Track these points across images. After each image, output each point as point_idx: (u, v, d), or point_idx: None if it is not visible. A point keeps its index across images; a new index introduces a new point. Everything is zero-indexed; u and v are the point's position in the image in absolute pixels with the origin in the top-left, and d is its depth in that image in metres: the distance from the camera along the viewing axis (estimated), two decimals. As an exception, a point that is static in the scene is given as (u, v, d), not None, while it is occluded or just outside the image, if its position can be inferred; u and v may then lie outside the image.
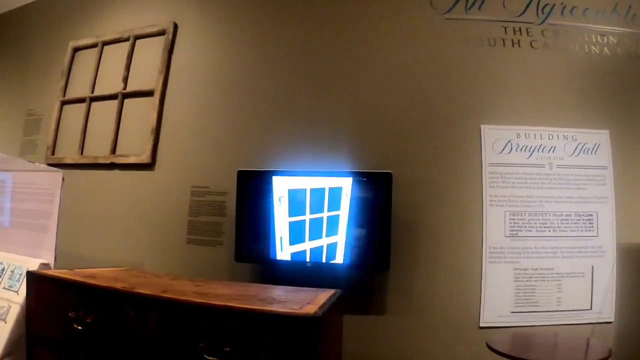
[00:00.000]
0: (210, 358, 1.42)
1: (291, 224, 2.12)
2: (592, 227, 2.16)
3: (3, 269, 2.19)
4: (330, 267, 2.08)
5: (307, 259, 2.09)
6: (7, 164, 2.38)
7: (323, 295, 1.66)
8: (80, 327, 1.64)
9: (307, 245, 2.10)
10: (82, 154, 2.85)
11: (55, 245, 2.18)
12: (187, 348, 1.46)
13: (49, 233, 2.22)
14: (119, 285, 1.68)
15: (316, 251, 2.09)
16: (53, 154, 2.97)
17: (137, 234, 2.59)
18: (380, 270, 2.06)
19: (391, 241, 2.03)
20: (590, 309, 2.15)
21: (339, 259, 2.05)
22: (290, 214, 2.13)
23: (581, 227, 2.16)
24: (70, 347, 1.69)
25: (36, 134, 3.16)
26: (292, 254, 2.10)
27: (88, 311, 1.64)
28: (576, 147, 2.17)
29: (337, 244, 2.07)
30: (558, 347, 1.92)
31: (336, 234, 2.08)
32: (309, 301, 1.55)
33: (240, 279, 2.24)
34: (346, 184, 2.08)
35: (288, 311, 1.42)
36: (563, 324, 2.09)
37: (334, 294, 1.73)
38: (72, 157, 2.87)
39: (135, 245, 2.58)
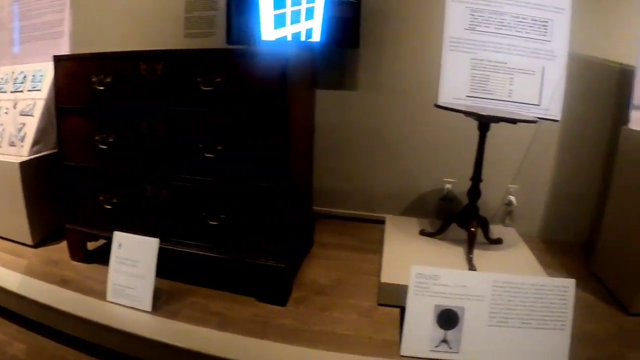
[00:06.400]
0: (207, 89, 1.75)
1: (275, 16, 2.37)
2: (547, 32, 2.36)
3: (25, 76, 2.47)
4: (308, 45, 2.34)
5: (289, 39, 2.35)
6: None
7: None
8: (101, 88, 1.93)
9: (288, 30, 2.35)
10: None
11: (70, 47, 2.43)
12: (188, 84, 1.78)
13: (64, 38, 2.49)
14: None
15: (296, 35, 2.35)
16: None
17: (137, 32, 2.82)
18: (351, 46, 2.32)
19: (361, 23, 2.27)
20: (539, 104, 2.39)
21: (316, 37, 2.31)
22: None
23: (536, 31, 2.36)
24: (95, 106, 2.00)
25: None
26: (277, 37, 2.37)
27: (107, 73, 1.92)
28: (536, -42, 2.37)
29: (313, 28, 2.32)
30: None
31: (312, 19, 2.32)
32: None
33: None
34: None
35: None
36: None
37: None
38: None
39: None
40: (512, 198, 2.43)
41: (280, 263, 1.80)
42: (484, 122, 1.95)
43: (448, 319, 1.56)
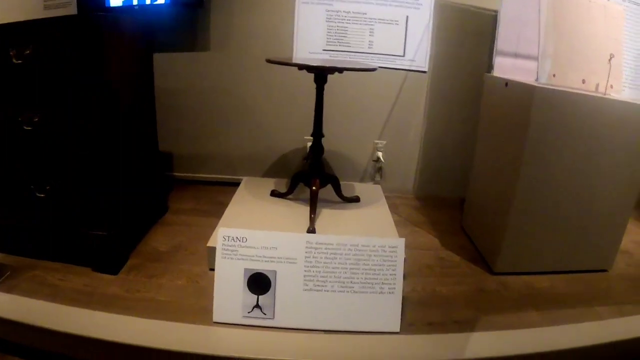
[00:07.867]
0: (18, 61, 1.68)
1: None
2: (410, -20, 2.25)
3: None
4: (155, 8, 2.25)
5: (135, 3, 2.26)
6: None
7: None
8: None
9: (134, -7, 2.26)
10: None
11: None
12: (4, 58, 1.70)
13: None
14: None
15: (142, -3, 2.25)
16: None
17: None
18: (195, 6, 2.21)
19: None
20: (403, 55, 2.29)
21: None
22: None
23: (398, -21, 2.25)
24: None
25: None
26: (124, 1, 2.27)
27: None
28: None
29: (158, -13, 2.22)
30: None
31: (158, -21, 2.23)
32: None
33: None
34: None
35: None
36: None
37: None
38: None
39: None
40: (380, 154, 2.35)
41: (106, 231, 1.79)
42: (317, 74, 1.86)
43: (259, 283, 1.51)
